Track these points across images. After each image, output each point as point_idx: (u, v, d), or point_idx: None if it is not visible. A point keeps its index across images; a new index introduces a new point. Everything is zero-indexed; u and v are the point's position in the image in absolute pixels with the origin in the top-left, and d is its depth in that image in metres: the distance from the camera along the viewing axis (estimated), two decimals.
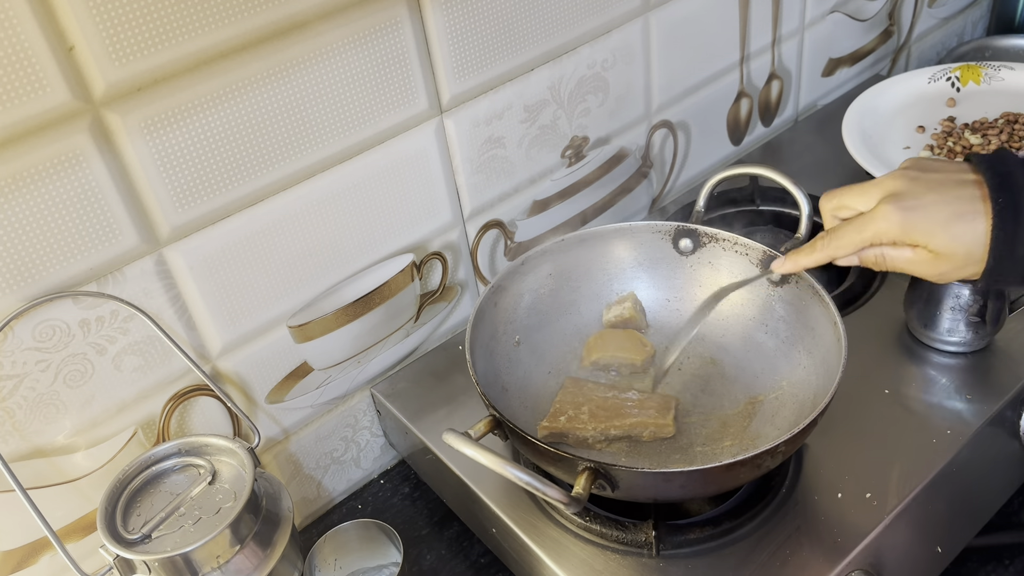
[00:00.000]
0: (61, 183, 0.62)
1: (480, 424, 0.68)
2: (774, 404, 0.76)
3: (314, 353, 0.83)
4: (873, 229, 0.62)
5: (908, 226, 0.60)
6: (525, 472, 0.61)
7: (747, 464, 0.63)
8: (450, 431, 0.63)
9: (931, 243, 0.60)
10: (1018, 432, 0.80)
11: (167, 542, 0.63)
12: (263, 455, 0.84)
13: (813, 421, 0.65)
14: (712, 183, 0.86)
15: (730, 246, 0.82)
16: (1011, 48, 1.30)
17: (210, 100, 0.67)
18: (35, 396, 0.67)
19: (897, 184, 0.62)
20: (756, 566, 0.69)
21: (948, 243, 0.59)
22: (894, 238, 0.61)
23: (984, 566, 0.81)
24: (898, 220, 0.60)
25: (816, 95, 1.25)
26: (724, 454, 0.73)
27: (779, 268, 0.71)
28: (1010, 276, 0.59)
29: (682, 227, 0.83)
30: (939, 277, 0.62)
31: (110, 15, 0.59)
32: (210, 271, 0.72)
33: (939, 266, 0.61)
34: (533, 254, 0.82)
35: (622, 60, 0.95)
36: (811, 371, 0.75)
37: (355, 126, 0.76)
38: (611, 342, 0.82)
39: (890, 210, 0.61)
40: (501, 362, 0.79)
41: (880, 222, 0.61)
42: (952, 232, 0.59)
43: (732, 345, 0.82)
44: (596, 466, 0.62)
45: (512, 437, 0.68)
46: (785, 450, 0.64)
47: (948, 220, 0.59)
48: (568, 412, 0.75)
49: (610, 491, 0.64)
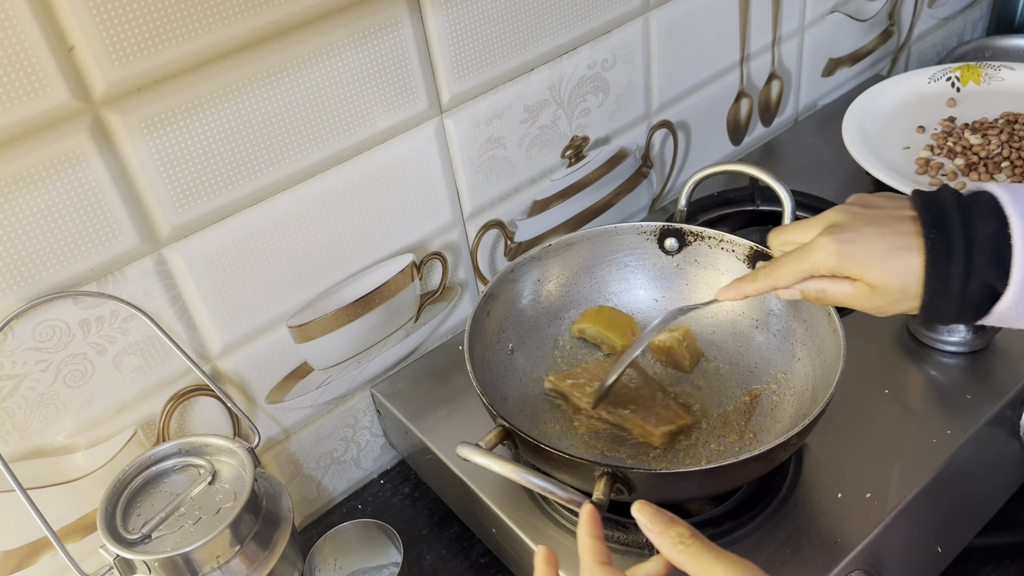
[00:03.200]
0: (61, 183, 0.62)
1: (490, 435, 0.68)
2: (772, 398, 0.77)
3: (314, 353, 0.83)
4: (812, 260, 0.62)
5: (845, 257, 0.60)
6: (544, 480, 0.61)
7: (762, 459, 0.63)
8: (464, 444, 0.64)
9: (867, 276, 0.60)
10: (1018, 432, 0.80)
11: (167, 542, 0.63)
12: (263, 455, 0.84)
13: (822, 410, 0.65)
14: (693, 182, 0.88)
15: (716, 243, 0.82)
16: (1011, 48, 1.30)
17: (210, 100, 0.67)
18: (35, 396, 0.67)
19: (838, 217, 0.62)
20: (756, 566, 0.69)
21: (883, 276, 0.59)
22: (831, 269, 0.61)
23: (984, 566, 0.81)
24: (835, 251, 0.60)
25: (816, 95, 1.25)
26: (730, 450, 0.74)
27: (722, 295, 0.70)
28: (947, 311, 0.59)
29: (667, 227, 0.84)
30: (878, 311, 0.62)
31: (110, 15, 0.59)
32: (210, 271, 0.72)
33: (876, 299, 0.61)
34: (521, 261, 0.82)
35: (622, 60, 0.95)
36: (807, 363, 0.75)
37: (355, 126, 0.76)
38: (603, 319, 0.83)
39: (828, 241, 0.61)
40: (497, 371, 0.79)
41: (819, 253, 0.61)
42: (887, 266, 0.59)
43: (724, 341, 0.83)
44: (614, 470, 0.62)
45: (523, 447, 0.68)
46: (797, 441, 0.65)
47: (884, 253, 0.59)
48: (579, 380, 0.77)
49: (627, 494, 0.64)
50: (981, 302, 0.57)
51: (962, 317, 0.59)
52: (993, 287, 0.56)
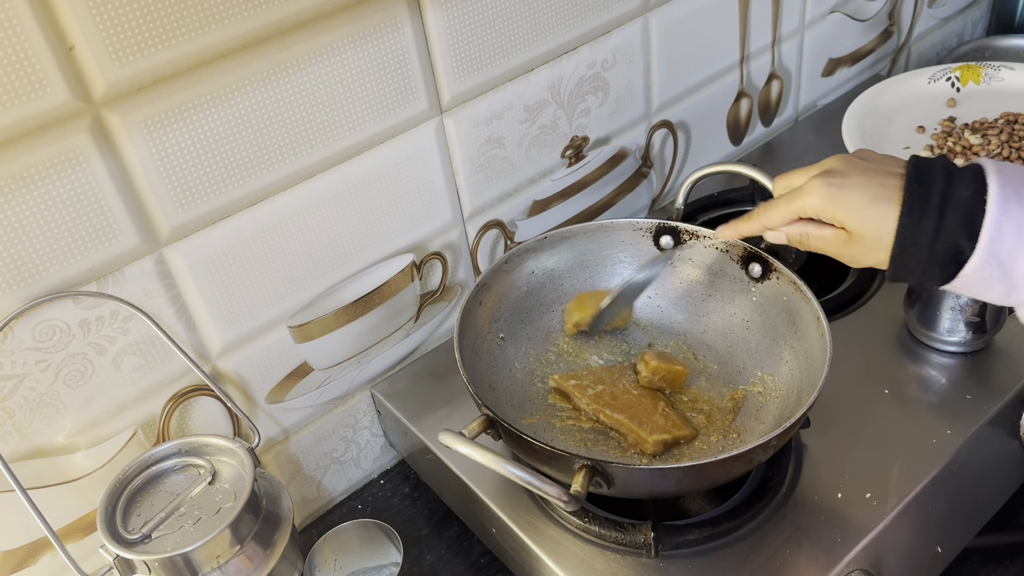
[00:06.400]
0: (61, 183, 0.62)
1: (474, 424, 0.68)
2: (758, 399, 0.77)
3: (314, 353, 0.83)
4: (801, 202, 0.64)
5: (830, 201, 0.63)
6: (523, 470, 0.61)
7: (740, 459, 0.64)
8: (446, 431, 0.64)
9: (846, 221, 0.62)
10: (1018, 432, 0.80)
11: (167, 542, 0.63)
12: (263, 455, 0.84)
13: (804, 414, 0.65)
14: (691, 181, 0.88)
15: (711, 243, 0.82)
16: (1011, 48, 1.30)
17: (210, 100, 0.67)
18: (35, 396, 0.67)
19: (835, 164, 0.65)
20: (756, 566, 0.69)
21: (860, 224, 0.61)
22: (818, 212, 0.64)
23: (984, 566, 0.81)
24: (823, 194, 0.63)
25: (816, 95, 1.25)
26: (712, 449, 0.74)
27: (720, 233, 0.74)
28: (913, 265, 0.60)
29: (663, 224, 0.84)
30: (851, 260, 0.64)
31: (110, 15, 0.59)
32: (210, 271, 0.72)
33: (852, 247, 0.63)
34: (516, 252, 0.83)
35: (622, 60, 0.95)
36: (794, 366, 0.75)
37: (355, 126, 0.76)
38: (589, 304, 0.83)
39: (818, 184, 0.63)
40: (486, 360, 0.79)
41: (808, 196, 0.64)
42: (866, 213, 0.61)
43: (713, 341, 0.83)
44: (593, 463, 0.63)
45: (505, 436, 0.68)
46: (777, 443, 0.65)
47: (866, 201, 0.61)
48: (583, 381, 0.77)
49: (606, 488, 0.64)
50: (948, 262, 0.59)
51: (927, 275, 0.60)
52: (960, 248, 0.58)
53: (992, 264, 0.58)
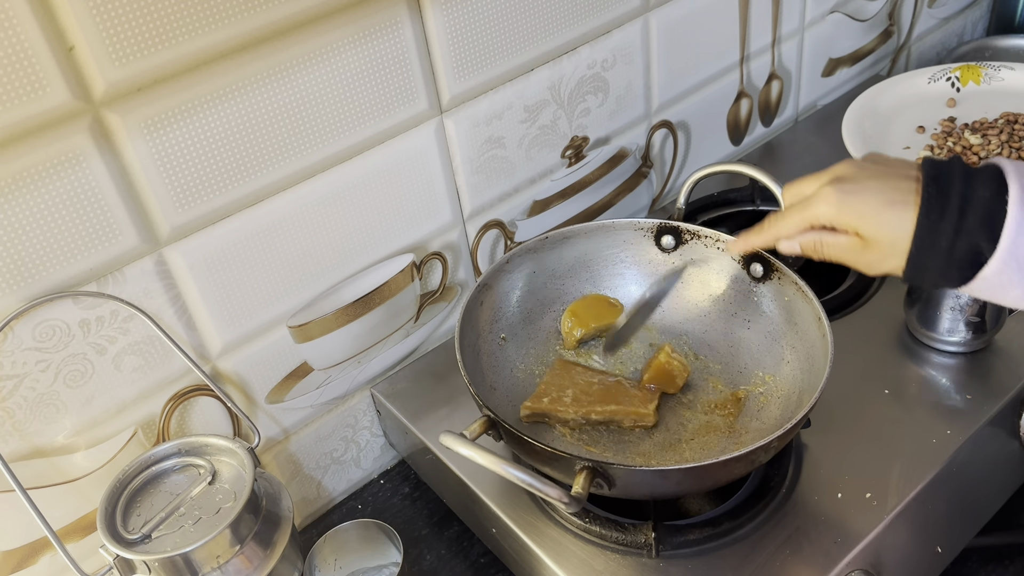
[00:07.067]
0: (61, 183, 0.62)
1: (475, 425, 0.68)
2: (759, 399, 0.77)
3: (314, 353, 0.83)
4: (813, 210, 0.63)
5: (844, 207, 0.61)
6: (524, 472, 0.61)
7: (742, 459, 0.64)
8: (447, 432, 0.63)
9: (861, 228, 0.61)
10: (1018, 432, 0.80)
11: (167, 542, 0.63)
12: (263, 455, 0.84)
13: (805, 415, 0.65)
14: (692, 181, 0.88)
15: (712, 243, 0.82)
16: (1011, 48, 1.30)
17: (210, 100, 0.67)
18: (35, 396, 0.67)
19: (846, 170, 0.63)
20: (756, 566, 0.69)
21: (876, 229, 0.60)
22: (831, 219, 0.63)
23: (984, 566, 0.81)
24: (835, 201, 0.62)
25: (816, 95, 1.25)
26: (714, 449, 0.74)
27: (731, 248, 0.73)
28: (932, 267, 0.59)
29: (664, 224, 0.84)
30: (867, 267, 0.63)
31: (110, 15, 0.59)
32: (210, 271, 0.72)
33: (867, 254, 0.62)
34: (517, 252, 0.83)
35: (622, 60, 0.95)
36: (795, 367, 0.75)
37: (355, 126, 0.76)
38: (586, 315, 0.83)
39: (829, 191, 0.62)
40: (487, 361, 0.79)
41: (820, 203, 0.63)
42: (881, 218, 0.60)
43: (715, 341, 0.83)
44: (594, 465, 0.63)
45: (507, 437, 0.68)
46: (777, 445, 0.65)
47: (880, 206, 0.60)
48: (552, 394, 0.76)
49: (607, 489, 0.64)
50: (966, 264, 0.58)
51: (945, 277, 0.59)
52: (980, 250, 0.57)
53: (1012, 266, 0.56)
